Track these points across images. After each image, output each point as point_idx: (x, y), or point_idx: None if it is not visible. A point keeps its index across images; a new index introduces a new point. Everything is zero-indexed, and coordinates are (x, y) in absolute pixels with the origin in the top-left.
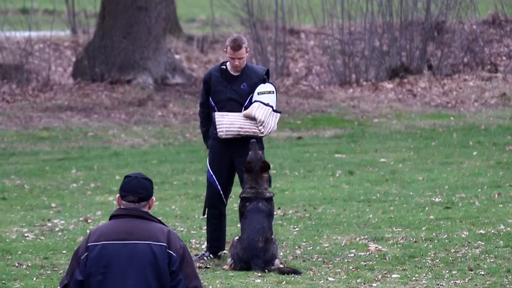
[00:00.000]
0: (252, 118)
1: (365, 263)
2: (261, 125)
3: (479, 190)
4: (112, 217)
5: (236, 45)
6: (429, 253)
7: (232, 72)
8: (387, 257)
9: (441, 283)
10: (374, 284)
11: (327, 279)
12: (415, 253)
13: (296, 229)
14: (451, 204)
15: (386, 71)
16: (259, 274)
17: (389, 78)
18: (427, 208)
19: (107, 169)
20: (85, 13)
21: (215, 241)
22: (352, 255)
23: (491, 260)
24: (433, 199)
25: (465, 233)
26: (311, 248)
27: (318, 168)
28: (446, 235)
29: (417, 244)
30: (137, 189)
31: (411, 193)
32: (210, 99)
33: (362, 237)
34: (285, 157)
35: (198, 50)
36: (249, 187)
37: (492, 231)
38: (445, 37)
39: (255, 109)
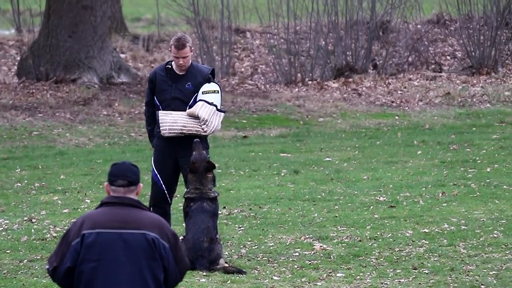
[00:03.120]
0: (195, 117)
1: (310, 262)
2: (204, 124)
3: (423, 189)
4: (103, 204)
5: (180, 44)
6: (373, 252)
7: (177, 71)
8: (331, 256)
9: (386, 282)
10: (319, 283)
11: (272, 278)
12: (360, 252)
13: (241, 228)
14: (395, 203)
15: (331, 71)
16: (204, 274)
17: (334, 78)
18: (371, 207)
19: (52, 168)
20: (30, 12)
21: None
22: (297, 254)
23: (435, 259)
24: (378, 198)
25: (409, 232)
26: (256, 247)
27: (263, 167)
28: (390, 234)
29: (362, 243)
30: (126, 173)
31: (356, 192)
32: (155, 98)
33: (307, 236)
34: (230, 156)
35: (143, 49)
36: (194, 187)
37: (436, 230)
38: (390, 37)
39: (198, 108)
